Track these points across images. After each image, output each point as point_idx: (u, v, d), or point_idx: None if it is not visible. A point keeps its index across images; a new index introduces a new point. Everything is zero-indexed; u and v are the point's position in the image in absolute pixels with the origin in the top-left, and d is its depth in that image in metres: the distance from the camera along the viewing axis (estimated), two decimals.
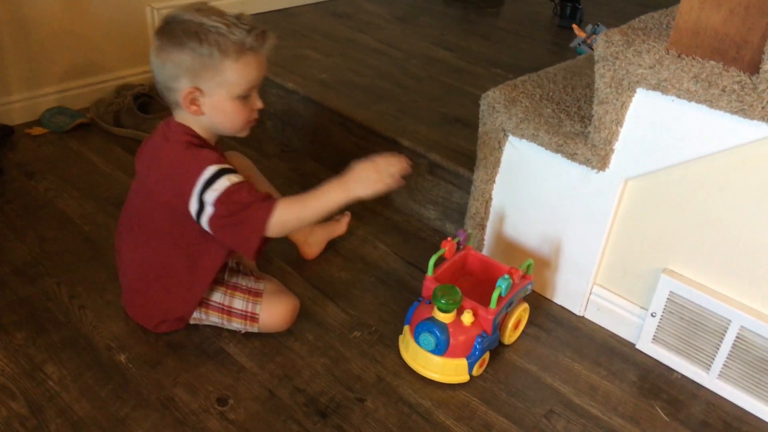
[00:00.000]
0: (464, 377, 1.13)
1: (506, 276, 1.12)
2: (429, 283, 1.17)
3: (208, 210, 1.01)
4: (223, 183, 1.00)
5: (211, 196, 1.00)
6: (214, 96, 1.03)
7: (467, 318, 1.11)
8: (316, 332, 1.22)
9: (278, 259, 1.39)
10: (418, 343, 1.13)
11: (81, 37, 1.82)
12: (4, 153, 1.65)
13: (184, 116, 1.07)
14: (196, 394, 1.08)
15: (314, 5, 2.35)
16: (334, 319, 1.26)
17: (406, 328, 1.18)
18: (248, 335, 1.19)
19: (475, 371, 1.14)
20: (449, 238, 1.21)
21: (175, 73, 1.01)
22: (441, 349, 1.11)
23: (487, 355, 1.16)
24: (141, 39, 1.96)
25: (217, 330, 1.20)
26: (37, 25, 1.73)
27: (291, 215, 1.03)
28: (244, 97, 1.05)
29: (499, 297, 1.11)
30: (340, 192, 1.02)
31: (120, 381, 1.09)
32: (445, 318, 1.11)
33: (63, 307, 1.22)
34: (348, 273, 1.38)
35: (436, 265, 1.19)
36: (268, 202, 1.01)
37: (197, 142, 1.06)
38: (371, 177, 1.02)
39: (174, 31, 1.00)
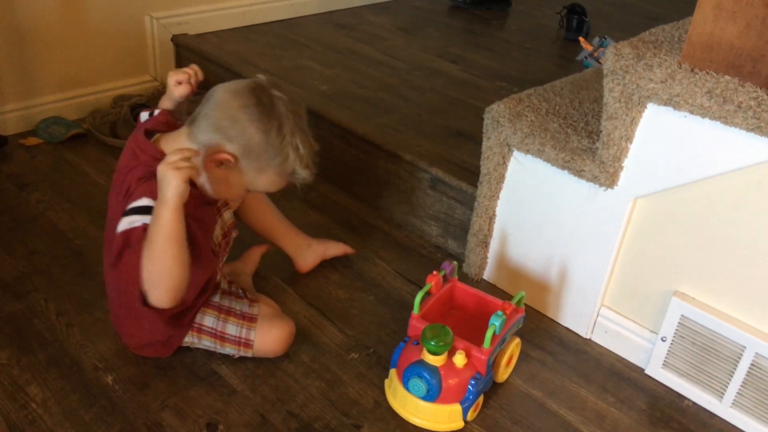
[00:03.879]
0: (458, 424, 1.06)
1: (500, 312, 1.05)
2: (416, 322, 1.09)
3: (120, 227, 0.95)
4: (141, 220, 0.93)
5: (122, 225, 0.94)
6: (238, 176, 1.02)
7: (459, 360, 1.02)
8: (312, 353, 1.18)
9: (275, 276, 1.35)
10: (407, 389, 1.04)
11: (78, 47, 1.79)
12: None
13: (173, 139, 1.01)
14: (184, 419, 1.03)
15: (317, 16, 2.33)
16: (331, 339, 1.21)
17: (393, 372, 1.09)
18: (241, 356, 1.15)
19: (470, 416, 1.06)
20: (435, 272, 1.14)
21: (234, 135, 0.98)
22: (433, 394, 1.03)
23: (481, 399, 1.09)
24: (139, 49, 1.93)
25: (209, 351, 1.15)
26: (33, 34, 1.70)
27: (145, 259, 0.92)
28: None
29: (493, 335, 1.04)
30: (160, 205, 0.91)
31: (106, 404, 1.05)
32: (435, 361, 1.02)
33: (50, 325, 1.18)
34: (346, 291, 1.33)
35: (423, 301, 1.11)
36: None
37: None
38: (166, 175, 0.91)
39: (271, 112, 0.99)
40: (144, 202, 0.95)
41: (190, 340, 1.12)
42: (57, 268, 1.31)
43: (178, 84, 1.09)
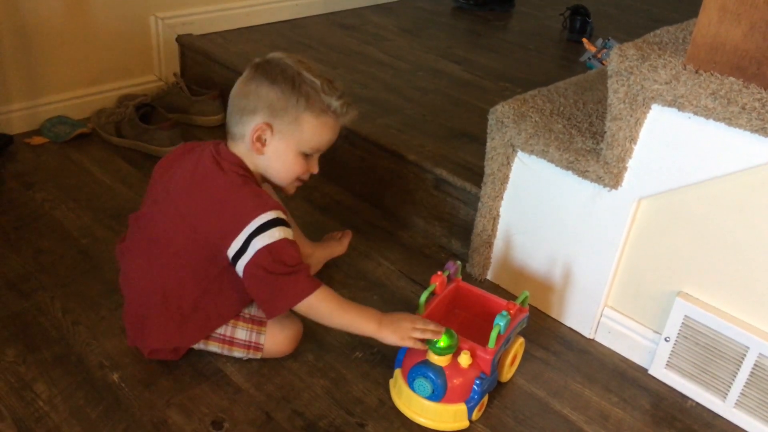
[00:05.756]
0: (464, 423, 1.06)
1: (504, 312, 1.06)
2: None
3: (249, 253, 0.99)
4: (278, 234, 0.99)
5: (260, 242, 0.98)
6: (282, 141, 1.04)
7: (464, 359, 1.03)
8: (317, 352, 1.18)
9: None
10: (412, 388, 1.05)
11: (83, 46, 1.80)
12: (2, 163, 1.63)
13: (240, 149, 1.07)
14: (190, 417, 1.04)
15: (321, 16, 2.33)
16: (335, 339, 1.22)
17: (398, 372, 1.10)
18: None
19: (475, 416, 1.07)
20: (439, 273, 1.14)
21: (255, 106, 1.03)
22: (438, 394, 1.03)
23: (485, 398, 1.09)
24: (144, 49, 1.93)
25: None
26: (38, 34, 1.71)
27: (322, 309, 1.04)
28: (306, 155, 1.08)
29: (498, 335, 1.04)
30: (373, 327, 1.04)
31: (112, 401, 1.05)
32: (440, 361, 1.03)
33: (56, 323, 1.19)
34: (349, 291, 1.34)
35: (427, 301, 1.11)
36: (312, 282, 1.02)
37: (249, 177, 1.06)
38: (405, 327, 1.03)
39: (272, 69, 1.04)
40: (268, 216, 0.99)
41: (196, 346, 1.13)
42: (63, 266, 1.32)
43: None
